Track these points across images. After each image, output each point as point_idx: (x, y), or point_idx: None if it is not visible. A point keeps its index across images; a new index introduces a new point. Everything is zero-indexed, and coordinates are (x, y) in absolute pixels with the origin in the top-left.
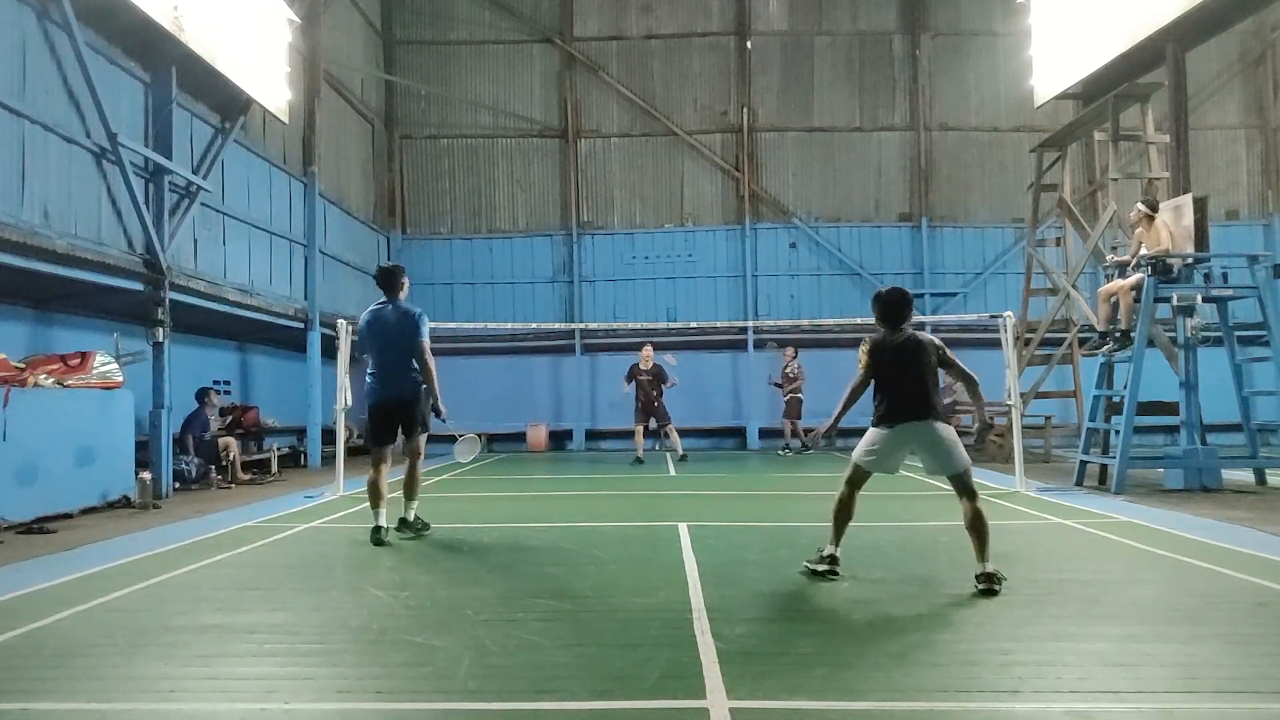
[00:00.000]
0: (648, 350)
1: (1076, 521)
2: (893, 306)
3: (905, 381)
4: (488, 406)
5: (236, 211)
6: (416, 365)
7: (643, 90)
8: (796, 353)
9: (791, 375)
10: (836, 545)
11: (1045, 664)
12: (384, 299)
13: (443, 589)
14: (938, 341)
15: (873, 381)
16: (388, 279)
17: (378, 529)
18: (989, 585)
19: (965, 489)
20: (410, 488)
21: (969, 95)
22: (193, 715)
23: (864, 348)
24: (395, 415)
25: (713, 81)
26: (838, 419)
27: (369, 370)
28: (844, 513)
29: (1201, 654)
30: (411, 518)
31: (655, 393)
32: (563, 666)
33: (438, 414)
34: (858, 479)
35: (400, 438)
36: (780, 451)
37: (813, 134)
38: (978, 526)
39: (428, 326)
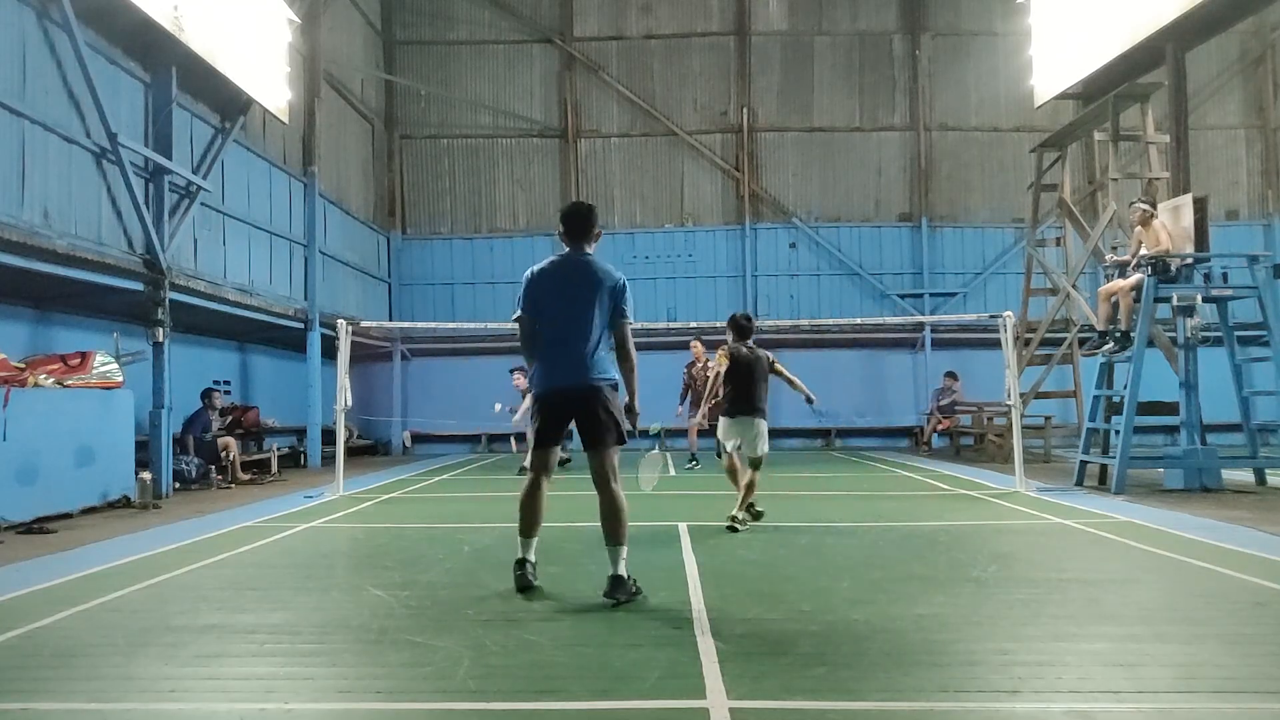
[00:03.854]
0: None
1: (1076, 521)
2: (746, 327)
3: (749, 383)
4: (487, 406)
5: (236, 211)
6: (611, 348)
7: (643, 90)
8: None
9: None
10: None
11: (1045, 664)
12: (566, 250)
13: (443, 589)
14: (770, 355)
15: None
16: (577, 218)
17: (523, 563)
18: (732, 524)
19: (757, 467)
20: (614, 526)
21: (969, 95)
22: (193, 715)
23: (723, 352)
24: (571, 413)
25: (713, 81)
26: (709, 406)
27: (539, 348)
28: (733, 474)
29: (1201, 654)
30: (622, 570)
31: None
32: (563, 666)
33: (629, 421)
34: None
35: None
36: (690, 465)
37: (813, 134)
38: (751, 485)
39: (631, 302)
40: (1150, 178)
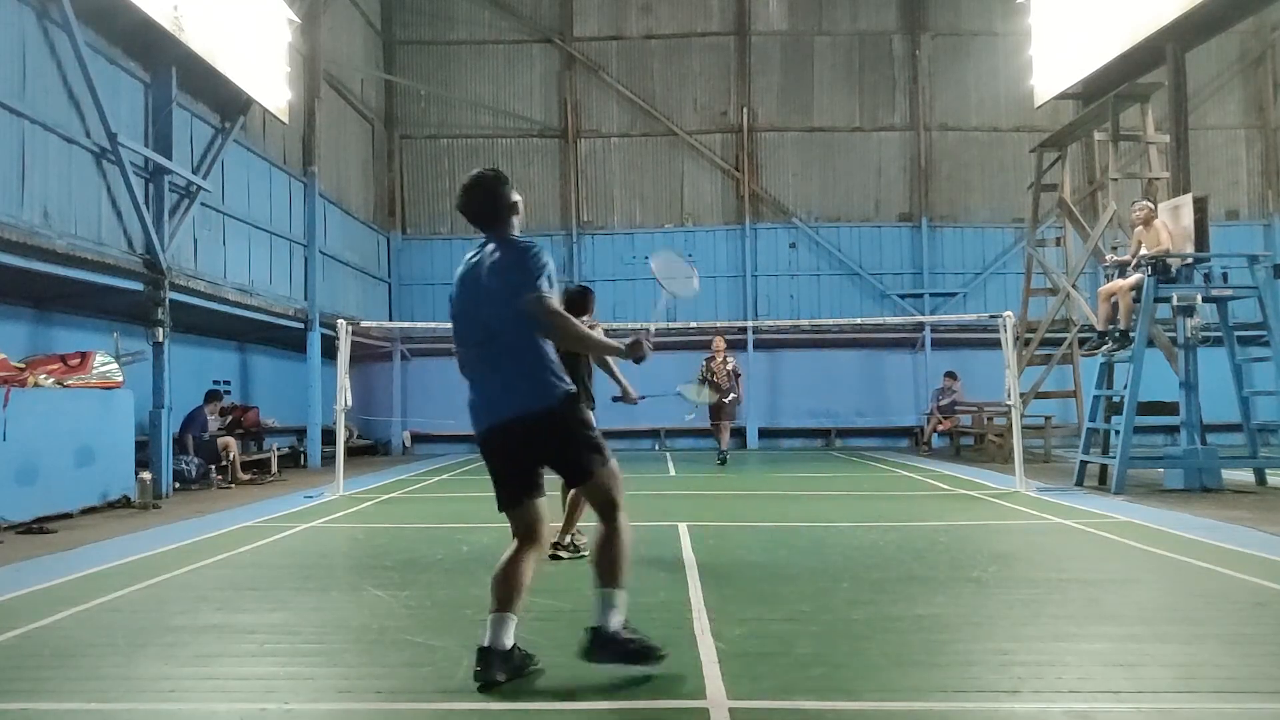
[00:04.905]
0: None
1: (1076, 521)
2: (580, 302)
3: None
4: None
5: (236, 211)
6: (550, 346)
7: (643, 90)
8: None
9: (736, 372)
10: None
11: (1045, 664)
12: (482, 240)
13: (443, 589)
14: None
15: None
16: (478, 193)
17: (486, 653)
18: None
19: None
20: (608, 564)
21: (969, 95)
22: (193, 715)
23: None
24: (526, 448)
25: (713, 81)
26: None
27: (465, 374)
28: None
29: (1201, 654)
30: (612, 622)
31: None
32: (563, 666)
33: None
34: None
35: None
36: (720, 462)
37: (813, 134)
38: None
39: (549, 269)
40: (1150, 178)
